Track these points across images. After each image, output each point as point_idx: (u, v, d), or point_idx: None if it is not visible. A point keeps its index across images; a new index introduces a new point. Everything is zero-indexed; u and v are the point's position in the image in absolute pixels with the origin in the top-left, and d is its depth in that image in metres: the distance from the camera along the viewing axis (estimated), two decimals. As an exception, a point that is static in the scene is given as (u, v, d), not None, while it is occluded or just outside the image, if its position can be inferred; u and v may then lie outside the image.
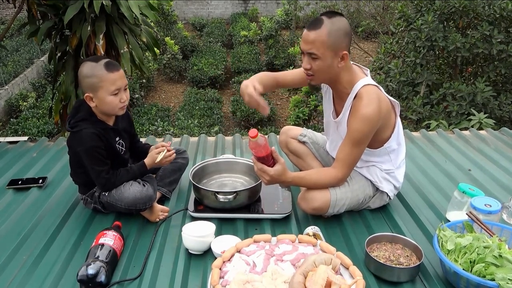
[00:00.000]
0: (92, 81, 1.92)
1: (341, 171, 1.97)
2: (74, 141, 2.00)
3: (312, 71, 1.90)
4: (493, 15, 5.13)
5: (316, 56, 1.84)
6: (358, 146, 1.93)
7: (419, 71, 5.49)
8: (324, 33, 1.81)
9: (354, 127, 1.90)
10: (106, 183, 2.00)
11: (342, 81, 1.95)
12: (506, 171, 2.59)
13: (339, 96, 2.03)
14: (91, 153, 1.96)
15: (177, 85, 9.98)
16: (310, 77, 1.94)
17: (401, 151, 2.13)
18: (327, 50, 1.82)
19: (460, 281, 1.57)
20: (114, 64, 1.98)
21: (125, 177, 2.05)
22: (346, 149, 1.94)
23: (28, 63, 9.93)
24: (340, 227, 2.05)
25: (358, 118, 1.88)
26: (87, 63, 1.97)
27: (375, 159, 2.08)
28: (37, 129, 7.08)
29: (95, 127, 1.98)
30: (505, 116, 5.09)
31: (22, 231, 2.02)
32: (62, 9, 3.44)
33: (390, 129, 2.01)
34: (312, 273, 1.51)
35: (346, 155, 1.94)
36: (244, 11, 14.76)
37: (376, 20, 10.35)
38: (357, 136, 1.90)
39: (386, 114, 1.94)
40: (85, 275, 1.60)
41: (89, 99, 1.96)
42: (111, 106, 1.97)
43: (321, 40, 1.81)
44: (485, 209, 1.85)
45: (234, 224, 2.06)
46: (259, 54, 10.79)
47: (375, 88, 1.93)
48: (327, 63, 1.86)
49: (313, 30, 1.82)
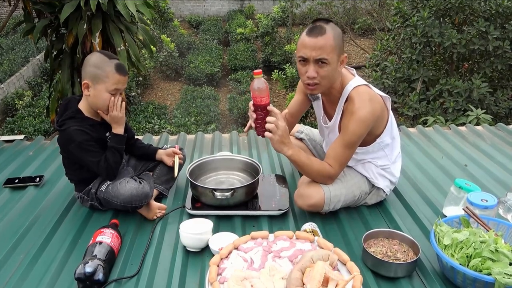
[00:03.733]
0: (98, 73, 1.93)
1: (334, 170, 1.96)
2: (63, 140, 2.01)
3: (318, 79, 1.85)
4: (489, 11, 5.14)
5: (326, 62, 1.81)
6: (350, 147, 1.93)
7: (416, 67, 5.50)
8: (331, 37, 1.80)
9: (348, 129, 1.88)
10: (107, 170, 2.00)
11: (335, 85, 1.94)
12: (502, 166, 2.60)
13: (330, 100, 2.02)
14: (83, 147, 1.96)
15: (173, 83, 9.96)
16: (314, 86, 1.88)
17: (395, 145, 2.12)
18: (335, 54, 1.82)
19: (457, 276, 1.57)
20: (124, 68, 2.00)
21: (111, 156, 2.01)
22: (338, 149, 1.93)
23: (24, 62, 9.88)
24: (338, 223, 2.05)
25: (352, 121, 1.87)
26: (100, 54, 1.98)
27: (370, 155, 2.08)
28: (33, 128, 7.05)
29: (82, 124, 1.98)
30: (501, 112, 5.11)
31: (19, 230, 2.01)
32: (58, 7, 3.43)
33: (383, 125, 2.01)
34: (309, 269, 1.52)
35: (338, 155, 1.94)
36: (240, 8, 14.72)
37: (372, 16, 10.35)
38: (350, 138, 1.89)
39: (380, 114, 1.93)
40: (82, 273, 1.60)
41: (85, 86, 1.97)
42: (102, 102, 1.98)
43: (330, 44, 1.80)
44: (482, 204, 1.86)
45: (232, 221, 2.06)
46: (255, 52, 10.77)
47: (366, 88, 1.92)
48: (333, 67, 1.84)
49: (319, 36, 1.80)
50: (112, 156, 2.02)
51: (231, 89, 9.09)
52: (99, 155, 2.00)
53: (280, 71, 8.14)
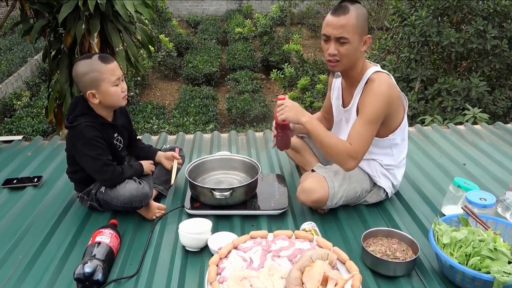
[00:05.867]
0: (92, 76, 1.92)
1: (354, 148, 1.90)
2: (73, 136, 1.99)
3: (338, 56, 1.91)
4: (487, 10, 5.15)
5: (346, 41, 1.87)
6: (370, 123, 1.90)
7: (414, 66, 5.49)
8: (353, 17, 1.86)
9: (368, 105, 1.90)
10: (111, 174, 1.98)
11: (357, 67, 1.98)
12: (501, 165, 2.61)
13: (350, 83, 2.05)
14: (92, 143, 1.95)
15: (172, 83, 9.95)
16: (335, 63, 1.94)
17: (403, 148, 2.14)
18: (356, 34, 1.87)
19: (455, 274, 1.58)
20: (108, 56, 2.01)
21: (128, 172, 2.05)
22: (358, 127, 1.92)
23: (22, 62, 9.86)
24: (337, 222, 2.06)
25: (371, 95, 1.90)
26: (81, 61, 1.97)
27: (377, 152, 2.08)
28: (32, 128, 7.04)
29: (94, 121, 1.98)
30: (499, 111, 5.11)
31: (17, 230, 2.01)
32: (56, 7, 3.42)
33: (398, 120, 2.03)
34: (309, 268, 1.52)
35: (359, 132, 1.91)
36: (238, 8, 14.72)
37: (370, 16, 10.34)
38: (370, 111, 1.89)
39: (396, 100, 1.96)
40: (81, 274, 1.60)
41: (91, 96, 1.96)
42: (115, 97, 1.99)
43: (352, 23, 1.85)
44: (480, 203, 1.86)
45: (231, 221, 2.06)
46: (254, 51, 10.77)
47: (387, 75, 1.97)
48: (354, 47, 1.89)
49: (342, 15, 1.86)
50: (127, 171, 2.04)
51: (230, 88, 9.09)
52: (107, 154, 2.00)
53: (278, 70, 8.14)
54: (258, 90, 8.75)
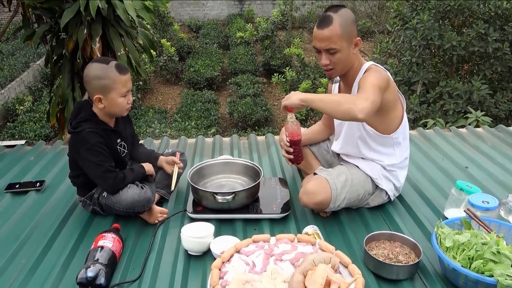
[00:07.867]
0: (104, 83, 1.93)
1: (364, 94, 1.82)
2: (77, 142, 1.99)
3: (332, 65, 1.96)
4: (488, 13, 5.15)
5: (335, 50, 1.91)
6: (374, 87, 1.85)
7: (415, 70, 5.49)
8: (337, 27, 1.88)
9: (366, 79, 1.90)
10: (113, 181, 1.98)
11: (354, 67, 2.02)
12: (503, 168, 2.60)
13: (348, 82, 2.08)
14: (95, 150, 1.95)
15: (173, 87, 9.97)
16: (331, 71, 2.00)
17: (405, 147, 2.15)
18: (344, 41, 1.90)
19: (458, 278, 1.57)
20: (124, 66, 2.02)
21: (130, 176, 2.05)
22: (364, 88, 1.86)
23: (24, 67, 9.90)
24: (339, 226, 2.05)
25: (368, 75, 1.92)
26: (96, 64, 1.98)
27: (381, 148, 2.09)
28: (34, 133, 7.05)
29: (97, 127, 1.98)
30: (501, 114, 5.10)
31: (20, 235, 2.02)
32: (58, 12, 3.44)
33: (397, 114, 2.05)
34: (311, 272, 1.52)
35: (365, 90, 1.84)
36: (240, 12, 14.76)
37: (372, 19, 10.37)
38: (371, 81, 1.87)
39: (393, 86, 1.99)
40: (84, 278, 1.60)
41: (97, 101, 1.96)
42: (120, 108, 2.00)
43: (336, 33, 1.88)
44: (483, 206, 1.86)
45: (233, 225, 2.06)
46: (255, 55, 10.79)
47: (384, 70, 2.00)
48: (345, 53, 1.93)
49: (325, 27, 1.89)
50: (129, 176, 2.04)
51: (231, 92, 9.10)
52: (110, 161, 2.00)
53: (280, 74, 8.15)
54: (260, 94, 8.76)
